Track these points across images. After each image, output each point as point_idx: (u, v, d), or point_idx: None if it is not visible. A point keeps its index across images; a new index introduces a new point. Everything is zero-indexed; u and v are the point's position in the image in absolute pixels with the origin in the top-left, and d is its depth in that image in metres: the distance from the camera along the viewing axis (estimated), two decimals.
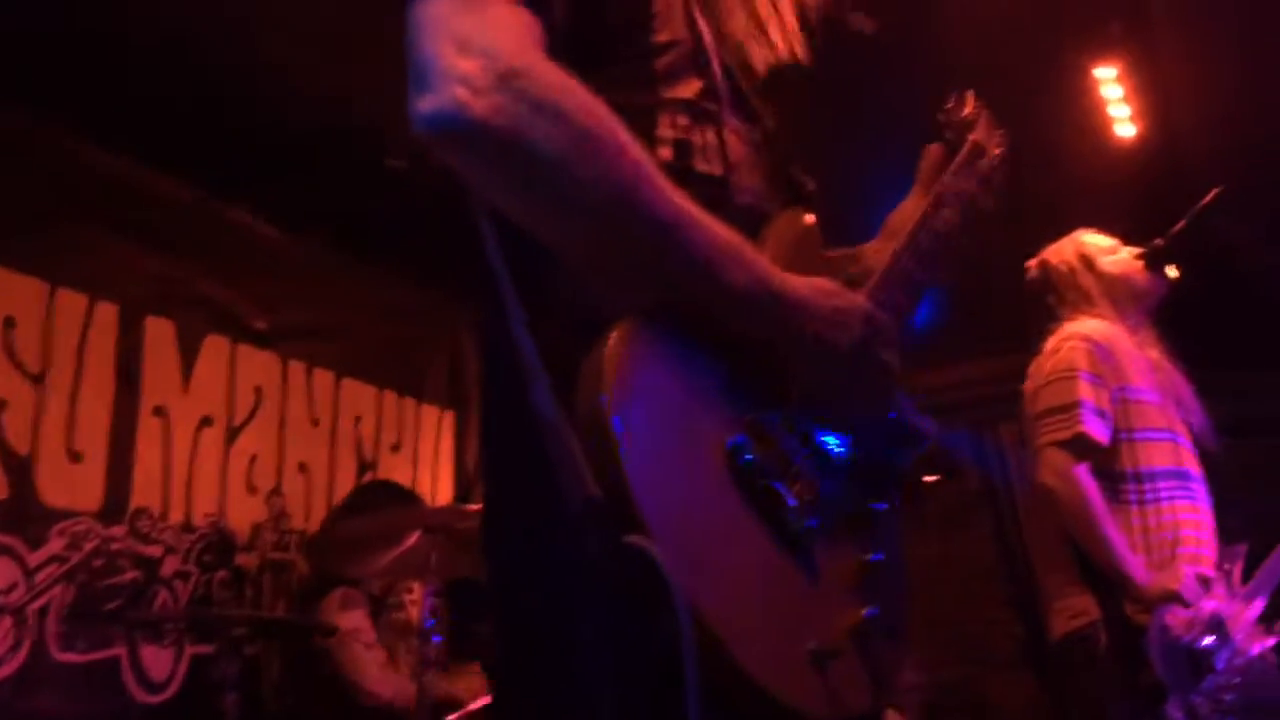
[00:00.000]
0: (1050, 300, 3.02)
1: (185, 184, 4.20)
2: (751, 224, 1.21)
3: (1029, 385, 2.87)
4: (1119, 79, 3.67)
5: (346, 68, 3.66)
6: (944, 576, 6.12)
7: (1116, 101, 3.74)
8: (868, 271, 1.38)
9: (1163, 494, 2.68)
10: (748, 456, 1.03)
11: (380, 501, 3.80)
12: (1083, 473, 2.63)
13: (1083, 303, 2.95)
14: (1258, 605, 2.72)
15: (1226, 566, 2.67)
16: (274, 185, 4.29)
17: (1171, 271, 3.00)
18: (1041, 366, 2.85)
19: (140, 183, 4.07)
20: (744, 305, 1.06)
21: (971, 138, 1.58)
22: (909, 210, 1.52)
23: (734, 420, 1.06)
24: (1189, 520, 2.67)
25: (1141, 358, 2.87)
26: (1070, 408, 2.67)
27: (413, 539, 3.09)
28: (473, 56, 0.99)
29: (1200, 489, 2.76)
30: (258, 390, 4.44)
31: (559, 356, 1.05)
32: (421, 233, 4.17)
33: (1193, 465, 2.78)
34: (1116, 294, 2.95)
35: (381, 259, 4.87)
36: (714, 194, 1.18)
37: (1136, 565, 2.56)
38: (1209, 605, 2.49)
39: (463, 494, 5.32)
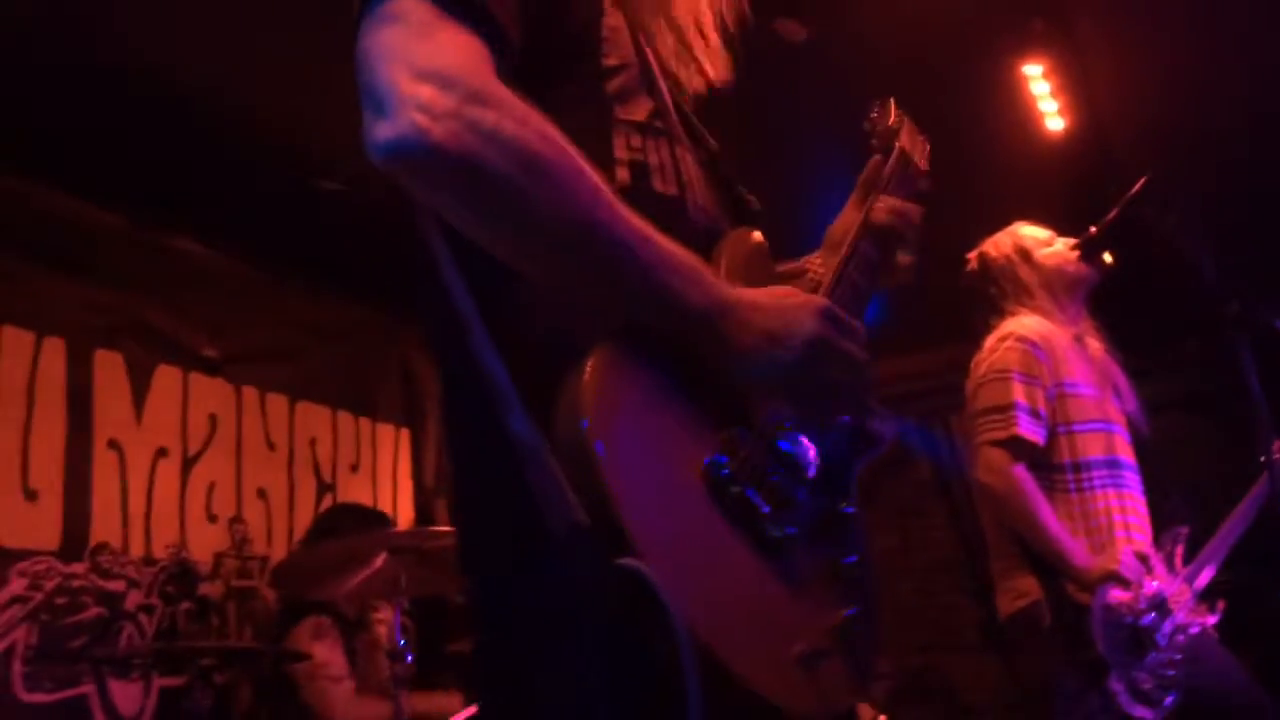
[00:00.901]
0: (991, 291, 3.10)
1: (127, 214, 4.17)
2: (706, 242, 1.24)
3: (969, 383, 2.96)
4: (1046, 74, 3.77)
5: (285, 91, 3.66)
6: (904, 565, 6.23)
7: (1045, 96, 3.85)
8: (816, 284, 1.42)
9: (1096, 482, 2.79)
10: (725, 472, 1.06)
11: (349, 524, 3.80)
12: (1019, 470, 2.72)
13: (1022, 295, 3.03)
14: (1200, 582, 2.83)
15: (1168, 547, 2.77)
16: (216, 211, 4.28)
17: (1106, 259, 3.10)
18: (980, 365, 2.93)
19: (81, 215, 4.03)
20: (704, 321, 1.08)
21: (898, 145, 1.62)
22: (848, 221, 1.55)
23: (709, 436, 1.08)
24: (1120, 506, 2.78)
25: (1078, 351, 2.96)
26: (1006, 409, 2.76)
27: (380, 560, 3.10)
28: (429, 83, 0.99)
29: (1133, 477, 2.87)
30: (212, 418, 4.41)
31: (529, 381, 1.07)
32: (365, 251, 4.19)
33: (1126, 454, 2.88)
34: (1053, 285, 3.04)
35: (327, 279, 4.87)
36: (671, 213, 1.20)
37: (1077, 549, 2.65)
38: (1150, 584, 2.59)
39: (423, 509, 5.32)
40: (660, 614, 0.91)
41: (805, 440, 1.16)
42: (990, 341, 2.97)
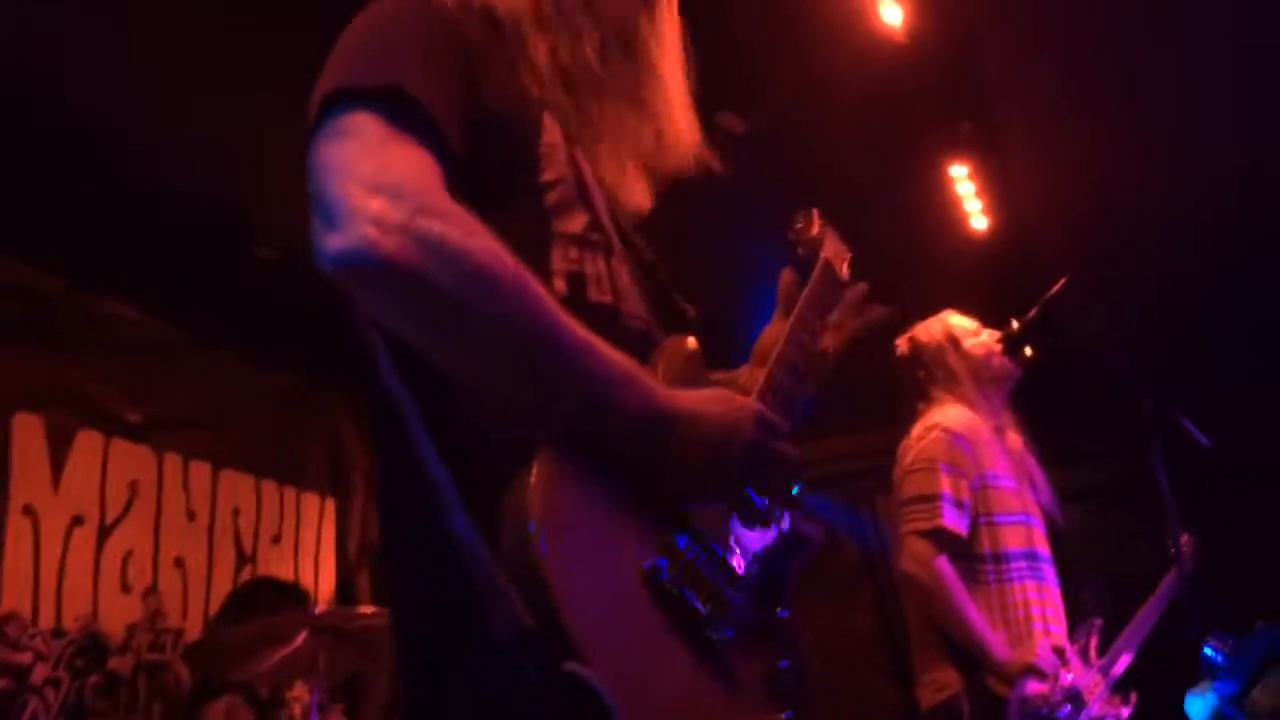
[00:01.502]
0: (919, 376, 3.17)
1: (53, 275, 4.10)
2: (642, 349, 1.26)
3: (896, 470, 3.01)
4: (971, 175, 3.92)
5: (218, 158, 3.67)
6: (830, 647, 6.24)
7: (970, 196, 4.00)
8: (746, 391, 1.45)
9: (1015, 574, 2.85)
10: (664, 575, 1.07)
11: (266, 601, 3.72)
12: (942, 562, 2.77)
13: (949, 382, 3.10)
14: (1115, 673, 2.89)
15: (1083, 639, 2.84)
16: (145, 275, 4.23)
17: (1027, 353, 3.20)
18: (906, 453, 2.99)
19: (11, 277, 3.96)
20: (645, 429, 1.10)
21: (822, 255, 1.66)
22: (774, 334, 1.58)
23: (649, 539, 1.10)
24: (1038, 599, 2.84)
25: (999, 444, 3.04)
26: (931, 499, 2.82)
27: (300, 639, 3.04)
28: (380, 196, 1.02)
29: (1050, 569, 2.94)
30: (132, 485, 4.30)
31: (469, 481, 1.09)
32: (298, 319, 4.17)
33: (1043, 546, 2.95)
34: (979, 375, 3.12)
35: (256, 345, 4.82)
36: (607, 322, 1.23)
37: (997, 643, 2.70)
38: (1066, 677, 2.64)
39: (346, 582, 5.22)
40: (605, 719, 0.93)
41: (742, 544, 1.19)
42: (917, 430, 3.03)
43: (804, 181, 3.25)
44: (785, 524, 1.27)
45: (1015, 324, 3.15)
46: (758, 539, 1.23)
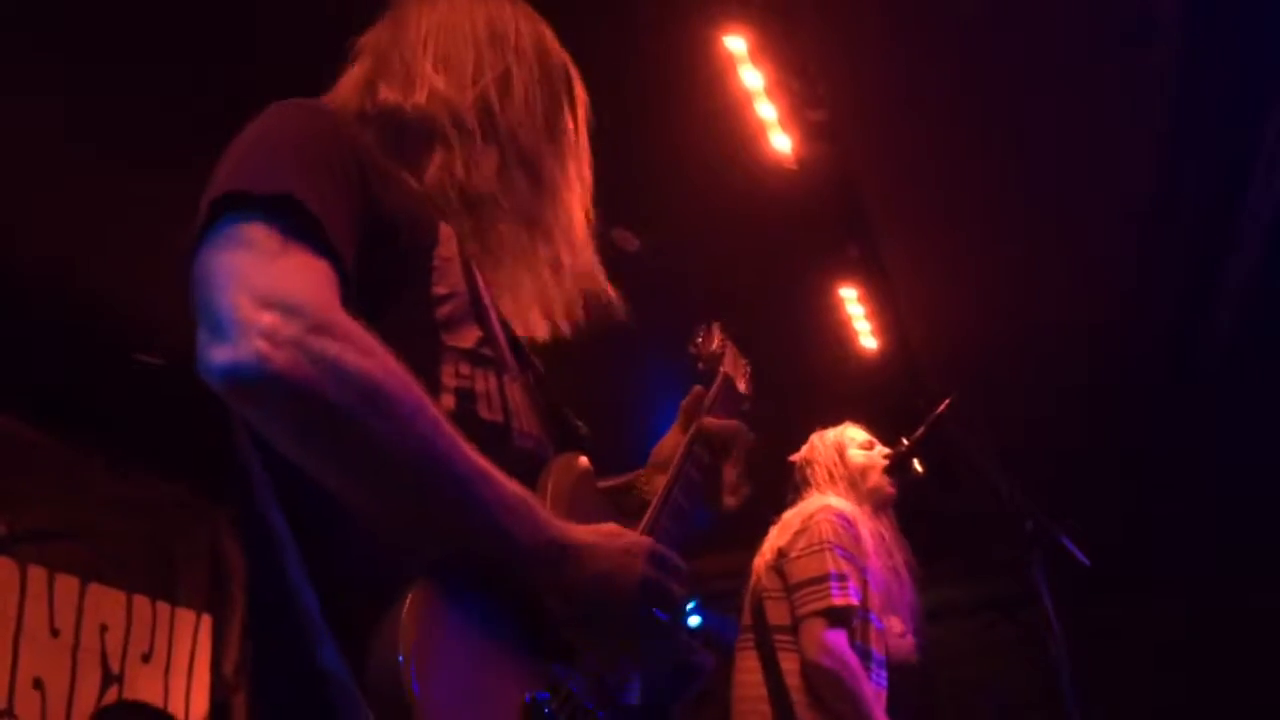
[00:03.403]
0: (806, 472, 3.23)
1: None
2: (530, 469, 1.24)
3: (785, 543, 2.98)
4: (860, 298, 4.05)
5: (96, 261, 3.58)
6: None
7: (859, 318, 4.12)
8: (642, 503, 1.44)
9: (874, 678, 2.89)
10: (546, 710, 1.04)
11: None
12: (843, 645, 2.77)
13: (828, 483, 3.17)
14: None
15: None
16: (14, 379, 4.07)
17: (917, 469, 3.26)
18: (794, 541, 2.97)
19: None
20: (533, 559, 1.07)
21: (722, 370, 1.68)
22: (671, 445, 1.58)
23: (531, 673, 1.06)
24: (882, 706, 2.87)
25: (877, 540, 3.08)
26: (823, 580, 2.83)
27: None
28: (272, 310, 0.98)
29: (883, 675, 2.98)
30: None
31: (343, 610, 1.04)
32: (178, 427, 4.03)
33: (880, 651, 2.99)
34: (856, 485, 3.19)
35: (132, 453, 4.64)
36: (496, 439, 1.20)
37: None
38: None
39: (220, 704, 4.96)
40: None
41: (629, 679, 1.16)
42: (799, 515, 3.04)
43: (697, 299, 3.31)
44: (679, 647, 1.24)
45: (903, 443, 3.24)
46: (650, 667, 1.20)
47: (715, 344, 1.74)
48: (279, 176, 1.10)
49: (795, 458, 3.32)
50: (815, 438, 3.32)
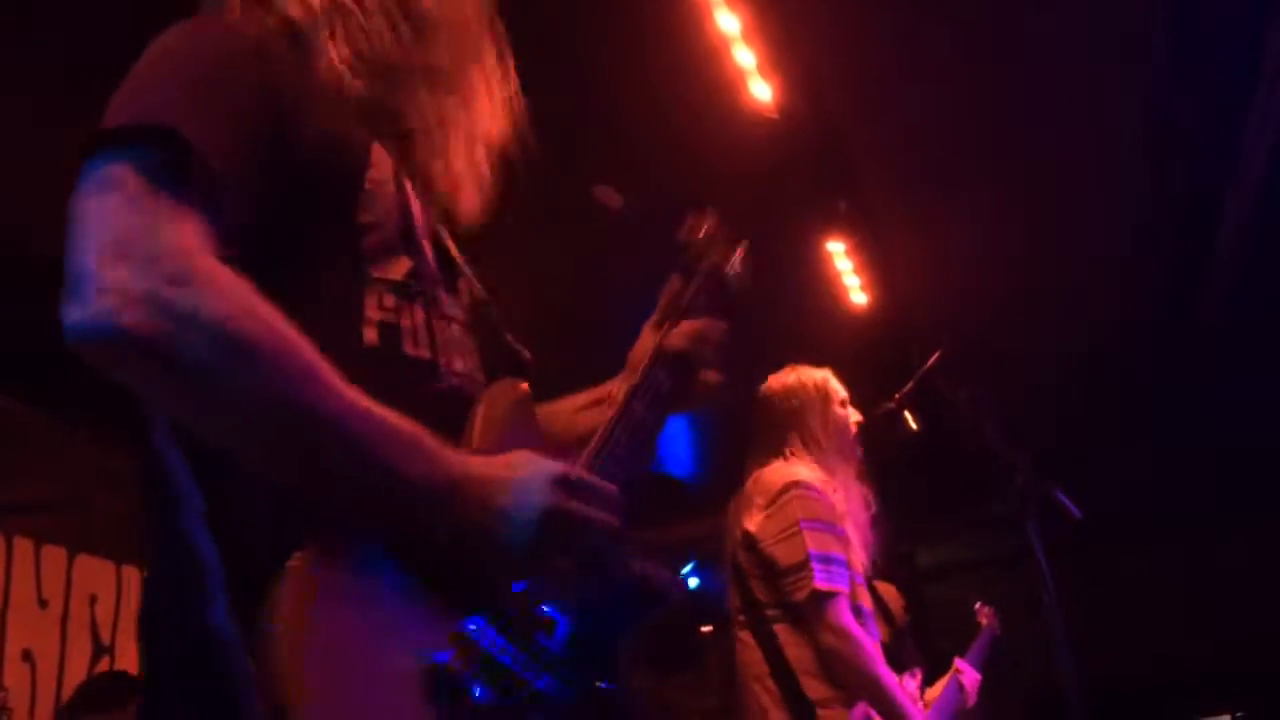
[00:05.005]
0: (789, 416, 3.06)
1: None
2: (459, 406, 1.19)
3: (754, 528, 2.89)
4: (848, 252, 3.98)
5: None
6: None
7: (848, 273, 4.05)
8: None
9: (869, 630, 2.84)
10: (447, 673, 0.98)
11: (117, 697, 3.47)
12: (846, 620, 2.72)
13: (807, 440, 3.00)
14: None
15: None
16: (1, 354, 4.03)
17: (911, 425, 3.21)
18: (765, 525, 2.87)
19: None
20: (428, 499, 1.02)
21: (703, 265, 1.54)
22: (645, 345, 1.48)
23: (431, 634, 1.00)
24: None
25: (845, 499, 2.98)
26: (804, 564, 2.77)
27: None
28: (127, 263, 0.94)
29: (875, 627, 2.93)
30: None
31: (239, 572, 1.00)
32: None
33: (868, 604, 2.93)
34: (837, 442, 3.04)
35: (119, 424, 4.60)
36: (421, 376, 1.17)
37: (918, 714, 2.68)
38: None
39: None
40: None
41: (550, 617, 1.09)
42: (766, 488, 2.92)
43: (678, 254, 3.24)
44: (621, 584, 1.17)
45: (895, 398, 3.18)
46: (582, 601, 1.13)
47: (703, 232, 1.58)
48: (155, 107, 1.04)
49: (776, 390, 3.10)
50: (801, 375, 3.09)
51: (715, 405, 1.52)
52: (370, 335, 1.14)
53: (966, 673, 3.24)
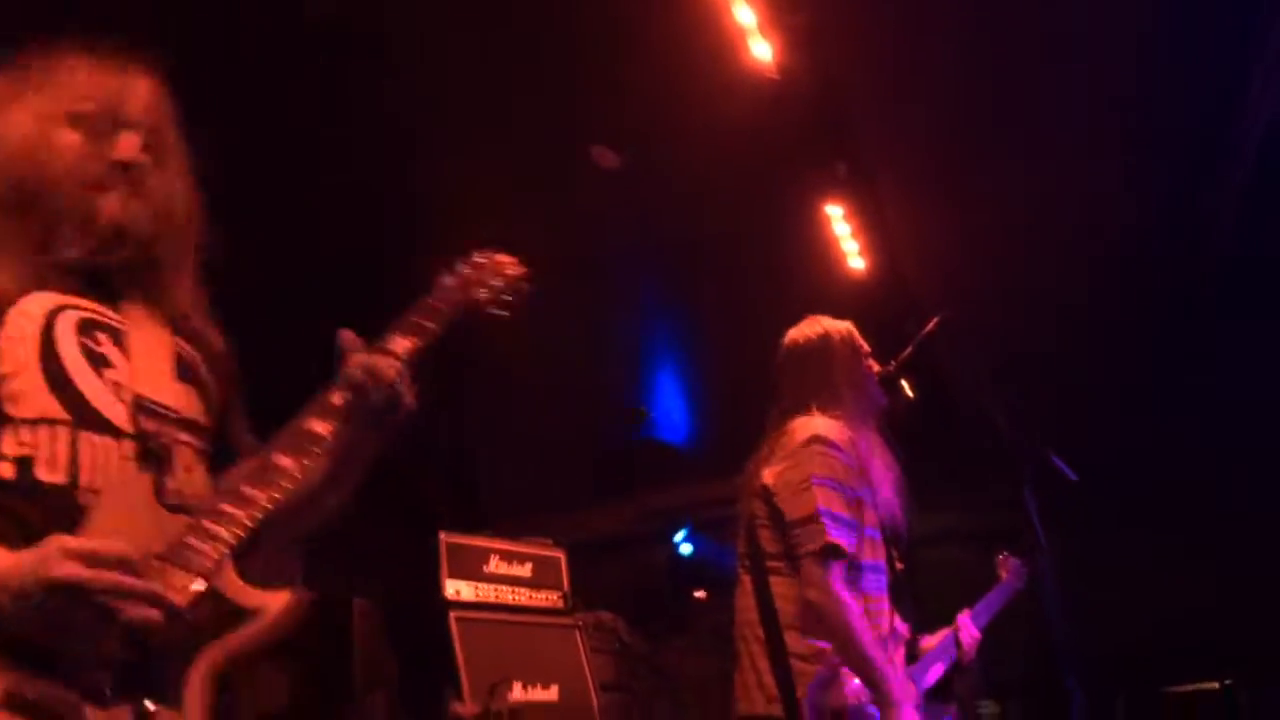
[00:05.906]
0: (812, 368, 2.97)
1: None
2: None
3: (771, 480, 2.85)
4: (847, 216, 3.93)
5: None
6: (718, 694, 6.13)
7: (846, 237, 4.01)
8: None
9: (871, 584, 2.82)
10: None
11: None
12: (836, 582, 2.69)
13: (834, 392, 2.93)
14: (929, 680, 2.89)
15: (889, 650, 2.82)
16: None
17: (907, 393, 3.15)
18: (781, 476, 2.84)
19: None
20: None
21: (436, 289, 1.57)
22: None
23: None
24: (877, 610, 2.83)
25: (869, 456, 2.93)
26: (813, 519, 2.73)
27: None
28: None
29: (885, 579, 2.90)
30: None
31: None
32: None
33: (882, 559, 2.90)
34: (862, 395, 2.98)
35: None
36: (60, 497, 1.30)
37: (896, 681, 2.65)
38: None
39: None
40: None
41: (94, 667, 1.19)
42: (790, 442, 2.88)
43: (677, 215, 3.21)
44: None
45: (891, 363, 3.12)
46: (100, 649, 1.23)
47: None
48: None
49: (800, 342, 2.99)
50: (827, 325, 2.99)
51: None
52: (6, 470, 1.30)
53: (965, 629, 3.21)
